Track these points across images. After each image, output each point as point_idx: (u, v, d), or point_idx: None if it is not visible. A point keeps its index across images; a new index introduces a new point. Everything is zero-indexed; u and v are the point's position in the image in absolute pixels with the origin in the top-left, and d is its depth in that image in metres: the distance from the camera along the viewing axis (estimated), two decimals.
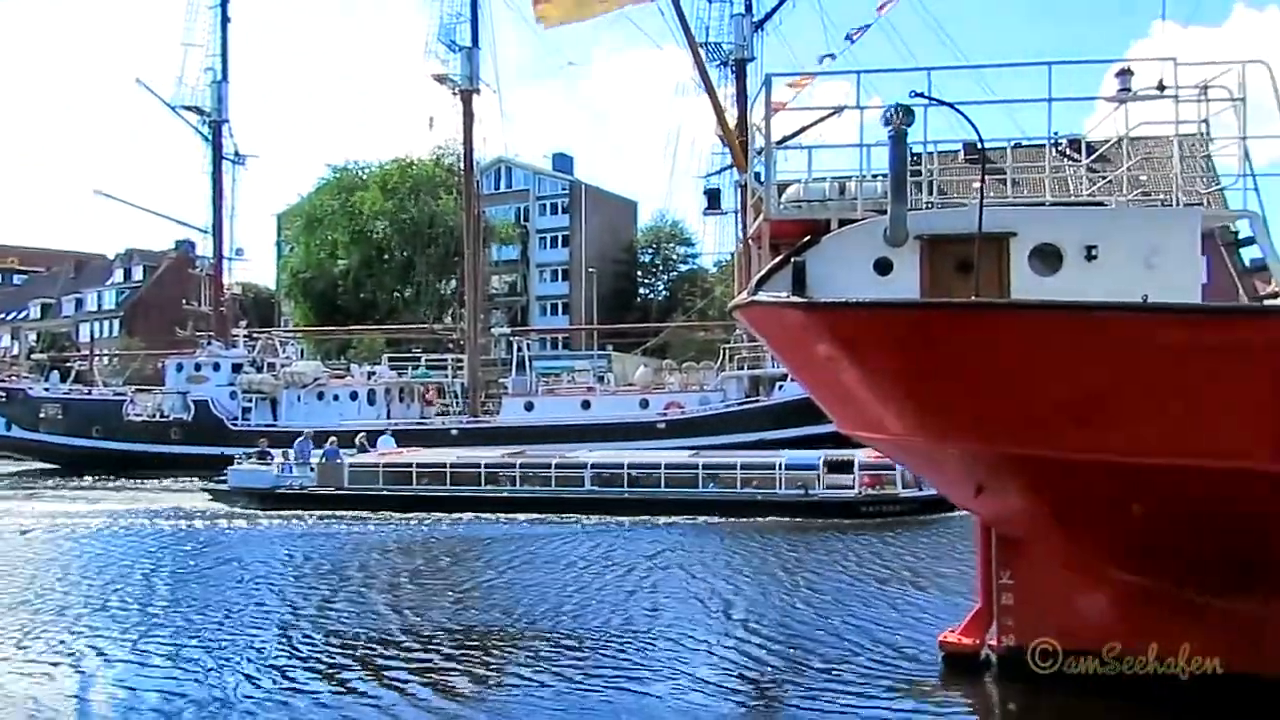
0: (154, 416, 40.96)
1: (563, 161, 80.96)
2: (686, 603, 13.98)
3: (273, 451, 27.80)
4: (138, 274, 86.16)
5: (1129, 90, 10.20)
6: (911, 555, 17.35)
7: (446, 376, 41.39)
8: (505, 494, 24.12)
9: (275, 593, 15.32)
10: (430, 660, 11.29)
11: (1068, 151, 18.35)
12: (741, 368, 34.91)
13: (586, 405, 35.60)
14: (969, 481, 9.15)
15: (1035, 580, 9.48)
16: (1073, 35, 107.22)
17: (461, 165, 43.61)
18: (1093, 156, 12.70)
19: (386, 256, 63.85)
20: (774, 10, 37.74)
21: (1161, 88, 9.62)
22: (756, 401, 33.30)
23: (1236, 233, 10.11)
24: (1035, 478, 8.30)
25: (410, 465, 25.39)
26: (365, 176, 66.56)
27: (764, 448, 30.22)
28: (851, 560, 17.01)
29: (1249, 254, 10.16)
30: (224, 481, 27.39)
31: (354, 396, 39.13)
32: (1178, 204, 9.42)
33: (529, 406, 36.49)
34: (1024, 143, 12.17)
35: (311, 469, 25.98)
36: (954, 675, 10.10)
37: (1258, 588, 8.25)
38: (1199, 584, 8.48)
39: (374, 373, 41.29)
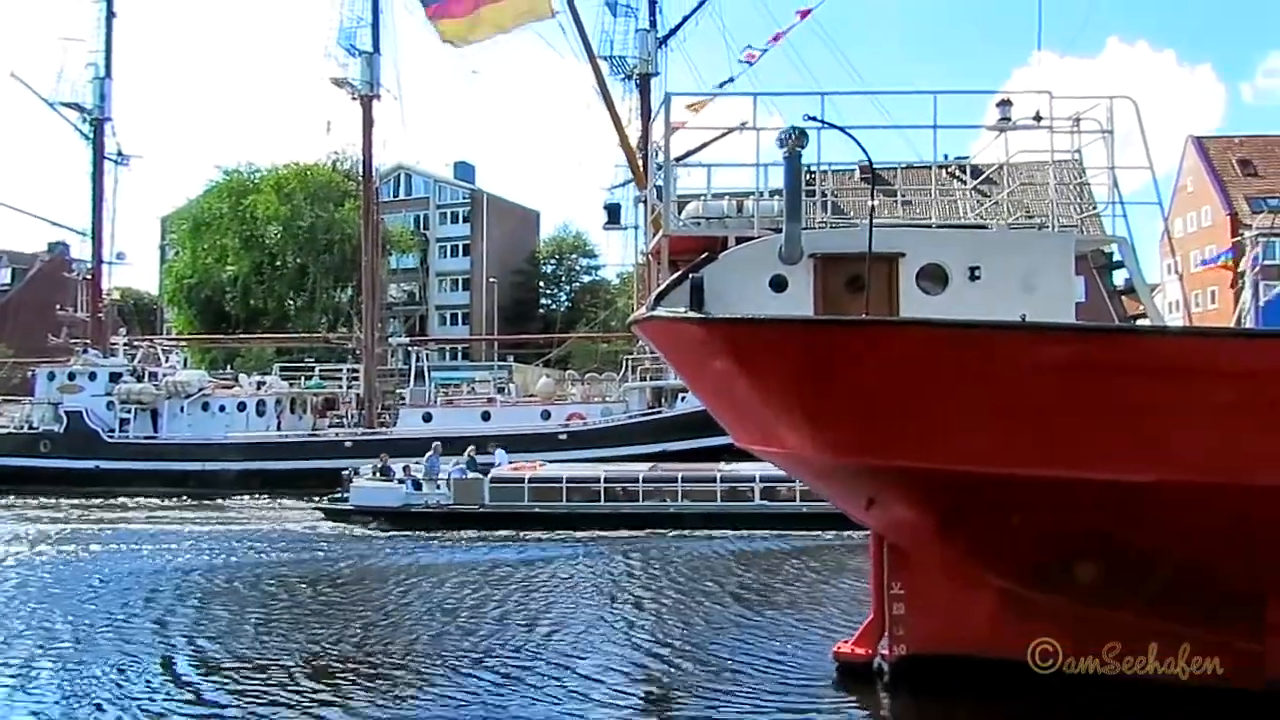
0: (21, 428, 38.64)
1: (464, 170, 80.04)
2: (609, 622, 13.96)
3: (394, 467, 25.68)
4: (5, 277, 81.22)
5: (1008, 120, 10.72)
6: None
7: (341, 387, 40.34)
8: (673, 509, 22.59)
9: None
10: None
11: (956, 173, 19.18)
12: (644, 379, 35.07)
13: (487, 416, 35.18)
14: (860, 494, 9.42)
15: (924, 590, 9.79)
16: (961, 62, 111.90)
17: (360, 171, 42.68)
18: (978, 180, 13.30)
19: (279, 263, 61.90)
20: (678, 27, 38.20)
21: (1038, 118, 10.15)
22: (659, 413, 33.48)
23: (1110, 255, 10.72)
24: (922, 490, 8.59)
25: (560, 480, 23.55)
26: (258, 180, 64.45)
27: (666, 459, 30.52)
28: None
29: (1120, 276, 10.78)
30: (340, 499, 25.42)
31: (241, 408, 37.71)
32: (1054, 228, 9.92)
33: (427, 418, 35.85)
34: (916, 165, 12.65)
35: (438, 485, 24.20)
36: (847, 685, 10.31)
37: (1134, 595, 8.66)
38: (1077, 592, 8.83)
39: (264, 383, 39.89)
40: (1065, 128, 10.05)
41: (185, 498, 32.35)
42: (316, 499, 27.54)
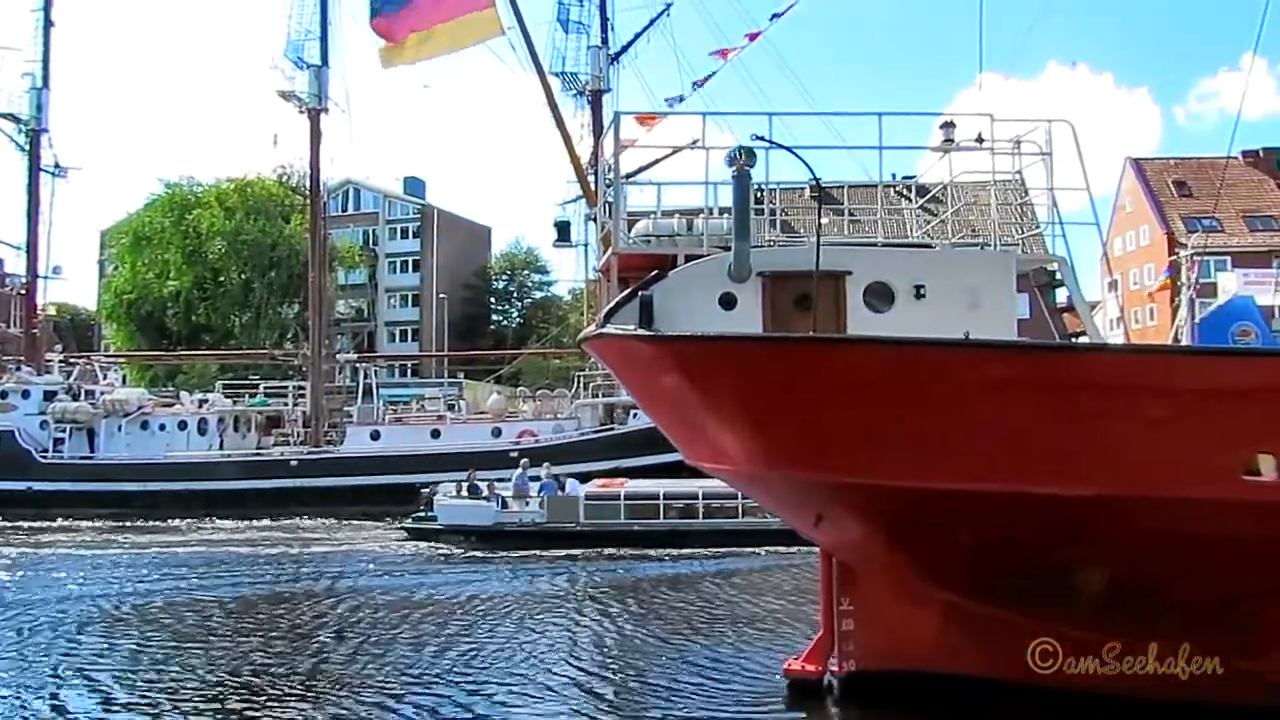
0: None
1: (415, 185, 79.47)
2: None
3: (481, 484, 24.89)
4: None
5: (951, 141, 10.91)
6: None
7: (287, 404, 39.62)
8: (775, 525, 21.71)
9: None
10: None
11: (904, 192, 19.49)
12: (596, 395, 34.97)
13: (436, 434, 34.77)
14: (809, 511, 9.47)
15: (872, 606, 9.86)
16: (909, 81, 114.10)
17: (307, 185, 42.11)
18: (923, 200, 13.53)
19: (223, 279, 60.79)
20: (629, 44, 38.38)
21: (980, 140, 10.35)
22: (611, 429, 33.39)
23: (1053, 274, 10.95)
24: (869, 506, 8.65)
25: (657, 496, 22.70)
26: (201, 194, 63.28)
27: (619, 475, 30.41)
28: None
29: (1062, 294, 11.03)
30: (426, 518, 24.62)
31: (182, 426, 36.77)
32: (996, 247, 10.12)
33: (375, 435, 35.34)
34: (864, 184, 12.84)
35: (526, 502, 23.47)
36: (797, 701, 10.33)
37: (1080, 608, 8.78)
38: (1025, 607, 8.94)
39: (206, 400, 39.01)
40: (1006, 149, 10.27)
41: (134, 520, 31.26)
42: (389, 520, 26.91)
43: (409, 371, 66.37)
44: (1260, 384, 7.75)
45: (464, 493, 24.60)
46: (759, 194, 11.08)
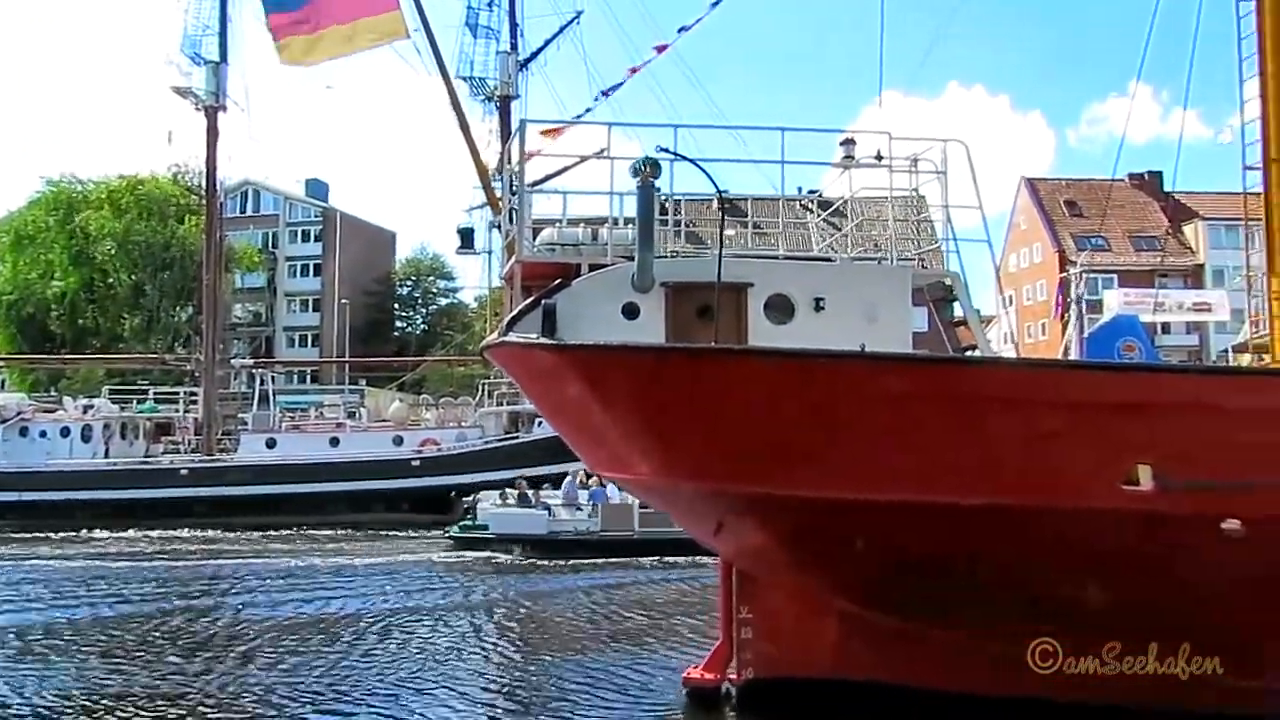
0: None
1: (317, 187, 77.43)
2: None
3: (530, 493, 24.16)
4: None
5: (851, 158, 11.17)
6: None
7: (178, 411, 38.09)
8: None
9: None
10: None
11: (810, 206, 19.91)
12: (501, 403, 34.65)
13: (335, 442, 33.92)
14: (709, 520, 9.53)
15: (771, 615, 9.97)
16: (818, 96, 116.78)
17: (203, 185, 40.65)
18: (826, 213, 13.81)
19: (112, 281, 58.13)
20: (539, 51, 38.26)
21: (879, 157, 10.62)
22: (516, 438, 33.11)
23: (949, 288, 11.28)
24: (768, 515, 8.75)
25: None
26: (90, 192, 60.37)
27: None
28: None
29: (958, 309, 11.38)
30: (475, 527, 23.90)
31: (65, 433, 35.01)
32: (893, 262, 10.38)
33: (271, 443, 34.27)
34: (769, 198, 13.02)
35: (577, 510, 22.90)
36: (696, 710, 10.37)
37: (971, 617, 8.98)
38: (921, 616, 9.13)
39: (91, 406, 37.21)
40: (904, 167, 10.56)
41: (9, 531, 29.51)
42: (433, 531, 26.18)
43: (309, 378, 64.55)
44: (1138, 397, 8.11)
45: (511, 501, 24.43)
46: (666, 205, 11.15)
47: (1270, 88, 11.59)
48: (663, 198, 11.57)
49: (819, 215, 15.04)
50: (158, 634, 14.67)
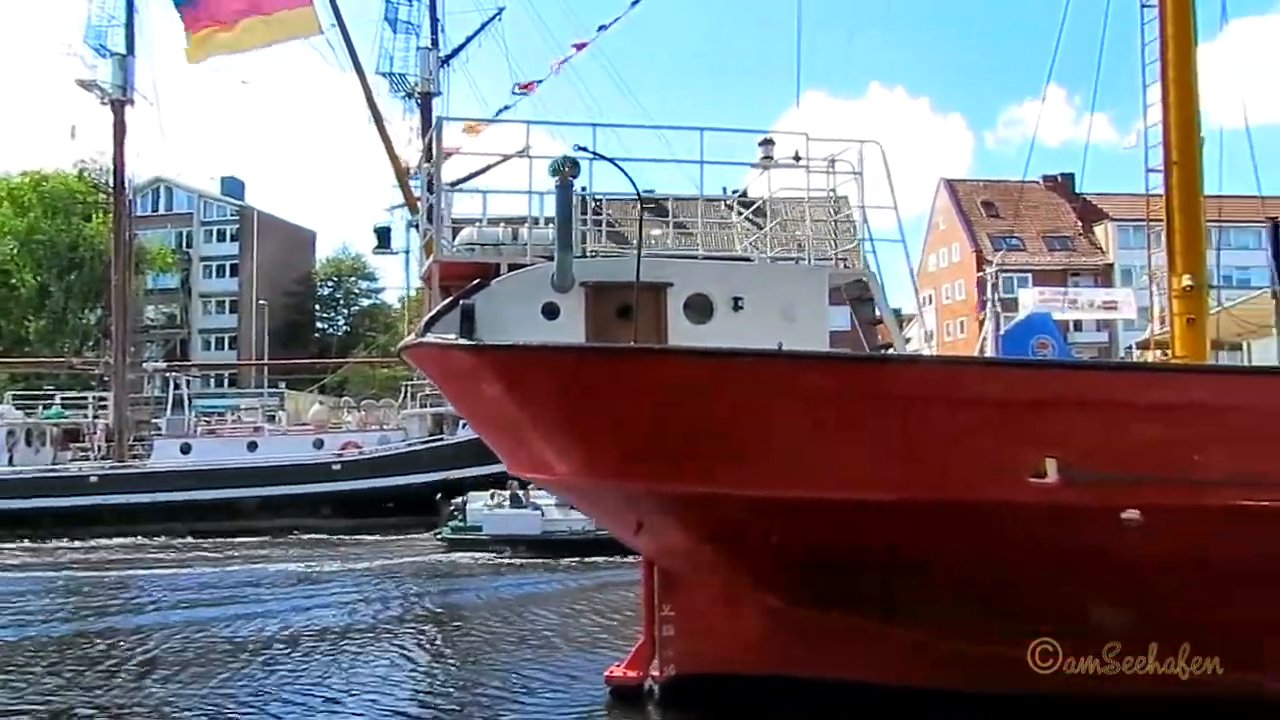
0: None
1: (233, 185, 75.33)
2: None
3: (520, 493, 23.56)
4: None
5: (770, 158, 11.28)
6: None
7: (87, 416, 36.65)
8: None
9: None
10: None
11: (735, 206, 20.08)
12: (425, 405, 34.15)
13: (253, 447, 33.03)
14: (630, 519, 9.52)
15: (692, 611, 10.01)
16: (743, 95, 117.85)
17: (110, 182, 39.18)
18: (745, 214, 13.90)
19: (15, 281, 55.68)
20: (461, 47, 37.72)
21: (797, 158, 10.75)
22: (440, 440, 32.66)
23: (866, 287, 11.46)
24: (688, 514, 8.79)
25: None
26: None
27: (447, 488, 29.74)
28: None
29: (871, 309, 11.57)
30: (467, 529, 23.46)
31: None
32: (810, 262, 10.52)
33: (185, 449, 33.21)
34: (691, 198, 13.06)
35: (572, 508, 21.49)
36: (619, 708, 10.37)
37: (889, 609, 9.15)
38: (841, 609, 9.26)
39: None
40: (821, 168, 10.71)
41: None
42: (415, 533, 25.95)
43: (226, 382, 62.82)
44: (1043, 394, 8.35)
45: (503, 502, 24.28)
46: (594, 204, 11.12)
47: (1171, 94, 12.03)
48: (588, 197, 11.56)
49: (741, 215, 15.19)
50: (66, 653, 14.02)
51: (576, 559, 21.50)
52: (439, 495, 25.96)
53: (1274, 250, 12.54)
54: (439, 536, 25.27)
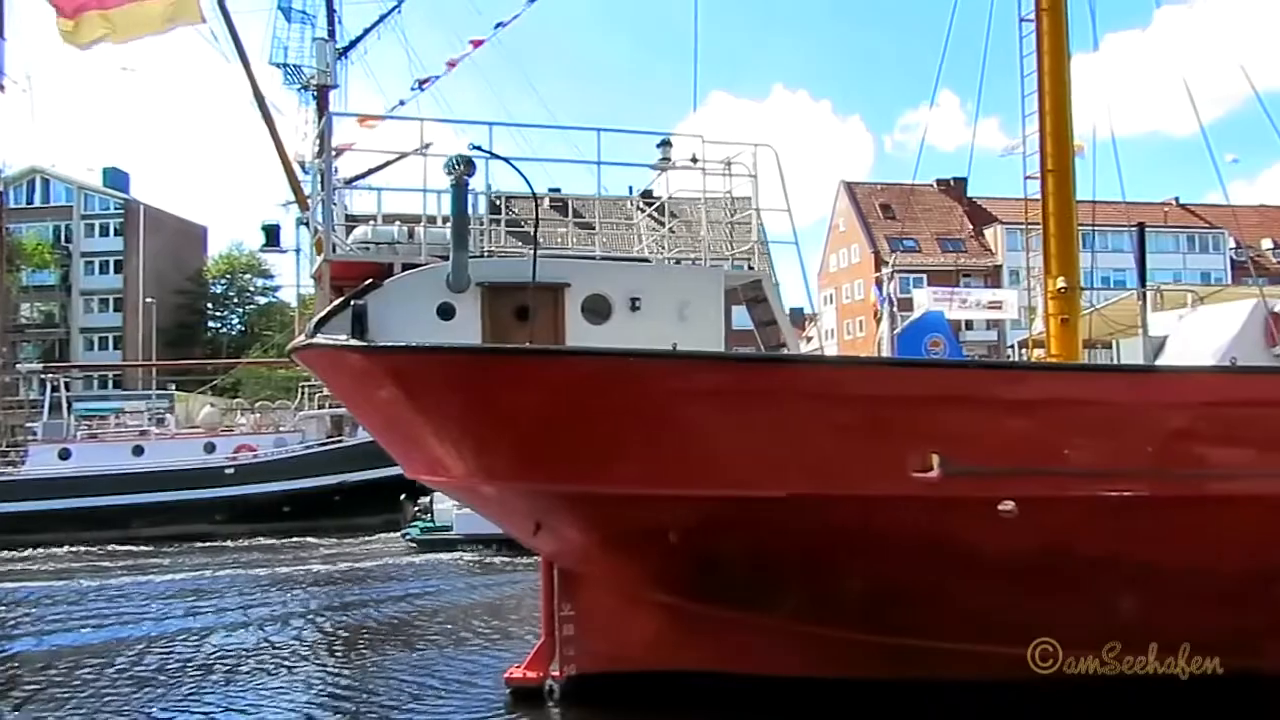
0: None
1: (117, 177, 71.96)
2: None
3: None
4: None
5: (668, 160, 11.41)
6: None
7: None
8: None
9: None
10: None
11: (639, 204, 20.20)
12: (323, 406, 33.31)
13: (139, 451, 31.64)
14: (528, 520, 9.51)
15: (592, 610, 10.06)
16: (650, 97, 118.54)
17: None
18: (650, 211, 14.00)
19: None
20: (359, 39, 36.93)
21: (694, 160, 10.91)
22: (339, 442, 31.89)
23: (761, 288, 11.69)
24: (584, 513, 8.83)
25: None
26: None
27: (347, 492, 29.11)
28: None
29: (766, 310, 11.78)
30: (436, 529, 22.77)
31: None
32: (706, 263, 10.68)
33: (64, 454, 31.58)
34: (604, 196, 13.05)
35: None
36: (519, 708, 10.35)
37: (784, 602, 9.33)
38: (739, 605, 9.40)
39: None
40: (718, 170, 10.88)
41: None
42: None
43: (111, 384, 60.06)
44: (924, 391, 8.65)
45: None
46: (497, 201, 11.04)
47: (1048, 104, 12.62)
48: (493, 195, 11.48)
49: (643, 215, 15.31)
50: None
51: None
52: (403, 495, 25.37)
53: (1140, 253, 13.27)
54: (407, 538, 24.85)
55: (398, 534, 25.94)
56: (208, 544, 27.52)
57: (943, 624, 9.01)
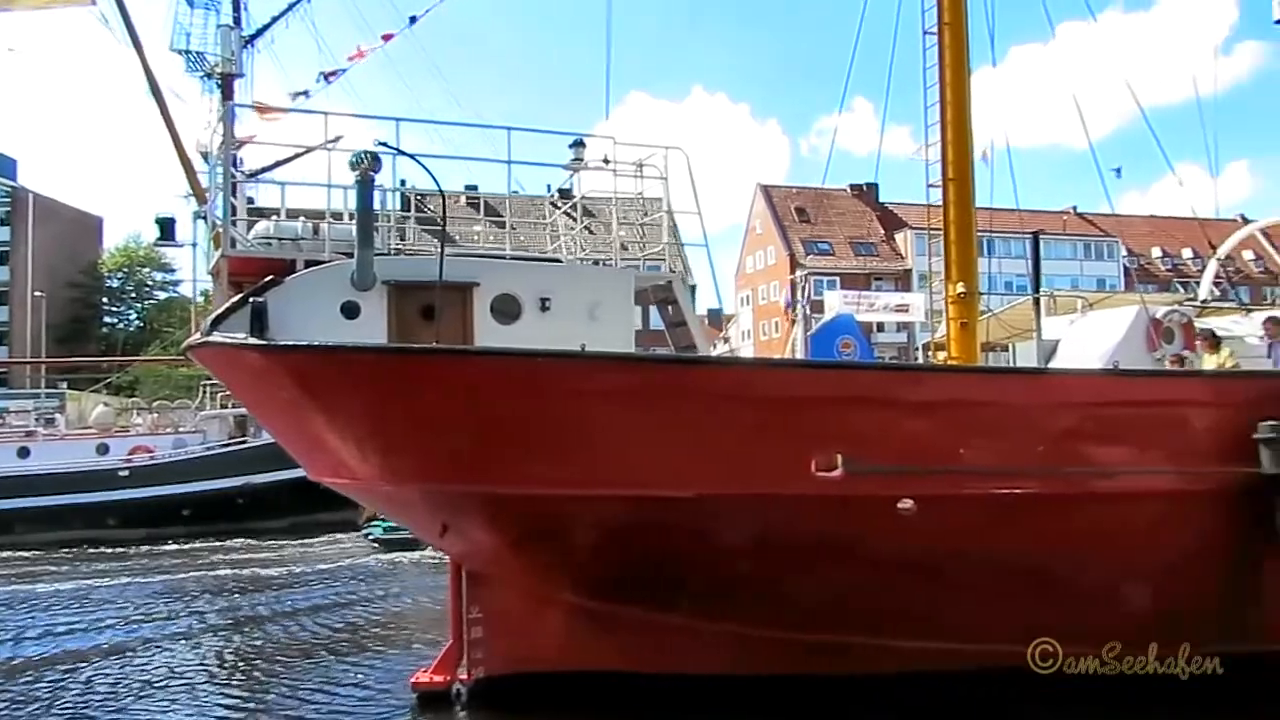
0: None
1: (2, 164, 68.45)
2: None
3: None
4: None
5: (580, 159, 11.41)
6: None
7: None
8: None
9: None
10: None
11: (556, 202, 20.13)
12: (226, 406, 32.17)
13: (25, 453, 30.06)
14: (435, 521, 9.39)
15: (501, 612, 9.99)
16: (571, 95, 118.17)
17: None
18: (565, 208, 13.96)
19: None
20: (266, 28, 35.68)
21: (606, 161, 10.93)
22: (244, 443, 30.85)
23: (671, 289, 11.77)
24: (492, 514, 8.76)
25: None
26: None
27: (251, 494, 28.16)
28: None
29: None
30: (396, 529, 21.54)
31: None
32: (617, 264, 10.70)
33: None
34: (525, 195, 12.92)
35: None
36: (425, 713, 10.20)
37: (692, 601, 9.42)
38: (648, 604, 9.43)
39: None
40: (630, 171, 10.92)
41: None
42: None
43: None
44: (827, 391, 8.85)
45: None
46: (413, 199, 10.85)
47: (949, 115, 13.01)
48: (407, 192, 11.27)
49: (557, 214, 15.25)
50: None
51: None
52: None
53: (1035, 261, 13.78)
54: (370, 538, 24.27)
55: (359, 534, 25.31)
56: (104, 550, 26.31)
57: (852, 620, 9.22)
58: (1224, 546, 9.37)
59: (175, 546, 26.40)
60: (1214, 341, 11.57)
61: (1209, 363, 11.48)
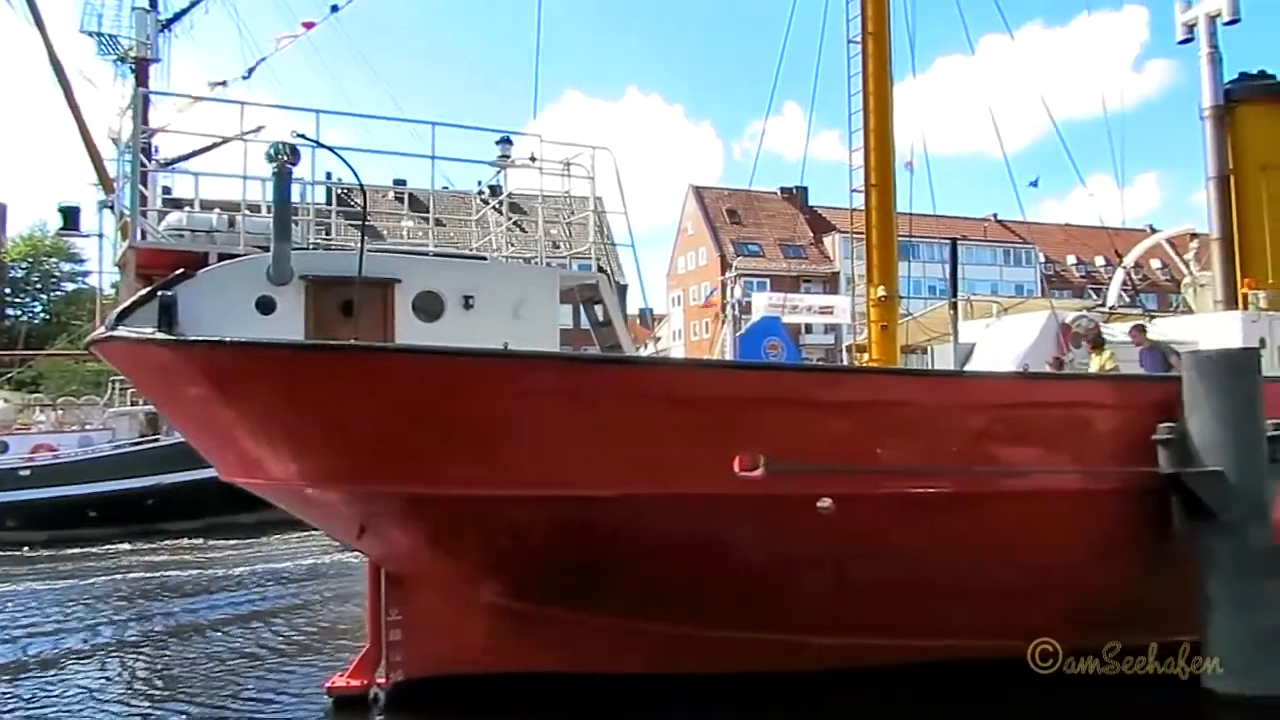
0: None
1: None
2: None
3: None
4: None
5: (508, 158, 11.34)
6: None
7: None
8: None
9: None
10: None
11: (490, 202, 19.97)
12: (135, 403, 31.05)
13: None
14: (352, 523, 9.21)
15: (420, 614, 9.83)
16: (503, 90, 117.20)
17: None
18: (493, 203, 13.85)
19: None
20: (184, 12, 34.60)
21: (533, 159, 10.88)
22: (155, 441, 29.78)
23: (597, 289, 11.76)
24: (411, 515, 8.62)
25: None
26: None
27: (163, 494, 27.22)
28: None
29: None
30: None
31: None
32: (543, 262, 10.65)
33: None
34: (454, 191, 12.75)
35: None
36: (340, 717, 9.99)
37: (615, 600, 9.40)
38: (571, 604, 9.39)
39: None
40: (556, 170, 10.88)
41: None
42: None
43: None
44: (747, 392, 8.91)
45: None
46: (341, 194, 10.61)
47: (872, 122, 13.28)
48: (333, 185, 11.04)
49: (485, 210, 15.12)
50: None
51: None
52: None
53: (953, 266, 14.16)
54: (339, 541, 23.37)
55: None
56: (4, 553, 25.15)
57: (777, 619, 9.31)
58: (1128, 544, 9.72)
59: (80, 550, 25.37)
60: (1099, 343, 11.99)
61: (1093, 363, 11.91)
